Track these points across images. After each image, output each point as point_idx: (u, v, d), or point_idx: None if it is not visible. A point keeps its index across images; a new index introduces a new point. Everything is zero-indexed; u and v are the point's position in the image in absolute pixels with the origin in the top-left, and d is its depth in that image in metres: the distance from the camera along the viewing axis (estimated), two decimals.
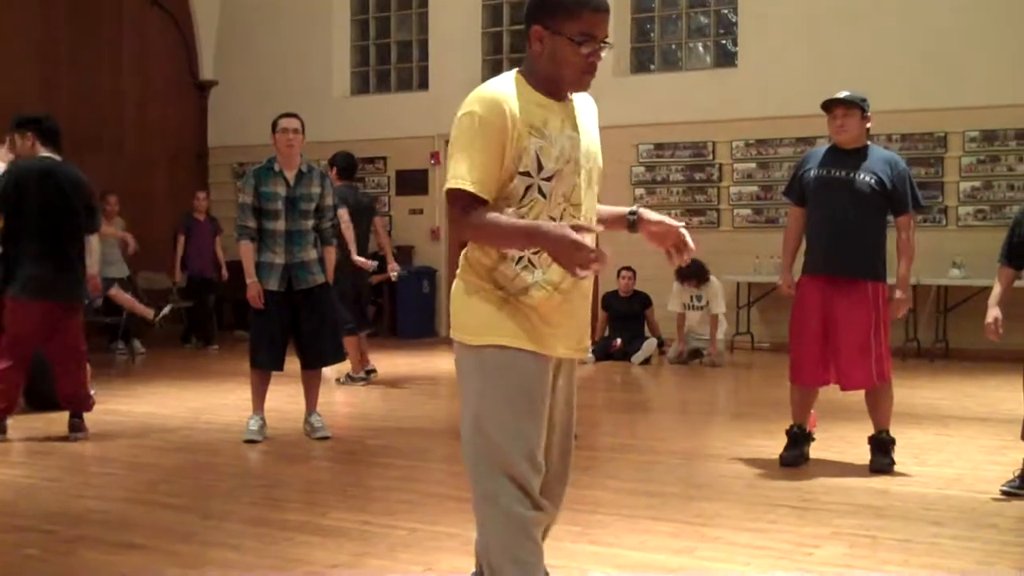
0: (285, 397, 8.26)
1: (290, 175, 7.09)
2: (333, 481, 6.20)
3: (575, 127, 3.16)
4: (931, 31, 11.79)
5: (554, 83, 3.12)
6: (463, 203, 3.05)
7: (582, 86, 3.16)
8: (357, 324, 9.69)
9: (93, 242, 7.48)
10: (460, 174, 3.03)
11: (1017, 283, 5.65)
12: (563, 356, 3.26)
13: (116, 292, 8.35)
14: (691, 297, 11.55)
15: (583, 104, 3.26)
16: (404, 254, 14.08)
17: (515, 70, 3.18)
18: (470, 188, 3.02)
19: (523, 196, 3.07)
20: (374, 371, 10.11)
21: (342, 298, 8.46)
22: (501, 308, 3.13)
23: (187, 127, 16.18)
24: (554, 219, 3.08)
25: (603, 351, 11.73)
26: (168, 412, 8.45)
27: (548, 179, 3.08)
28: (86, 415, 7.39)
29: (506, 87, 3.10)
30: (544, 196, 3.09)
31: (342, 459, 6.78)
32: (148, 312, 8.25)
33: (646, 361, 11.62)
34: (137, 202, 14.41)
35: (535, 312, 3.14)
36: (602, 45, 3.07)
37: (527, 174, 3.06)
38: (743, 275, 12.45)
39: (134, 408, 8.63)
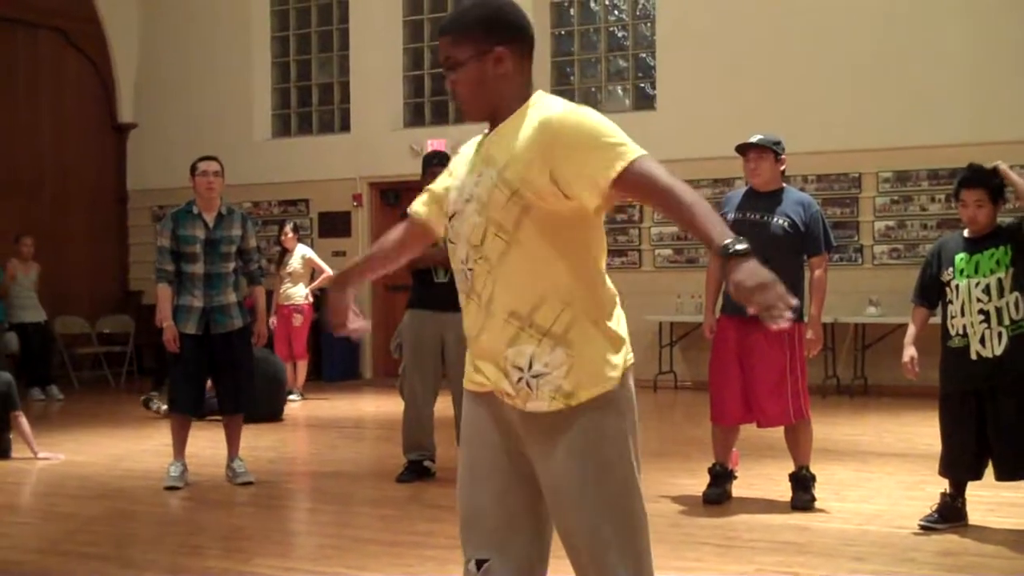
0: (207, 442, 8.16)
1: (209, 218, 7.04)
2: (256, 527, 6.12)
3: (487, 161, 2.80)
4: (846, 74, 12.05)
5: None
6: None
7: (462, 113, 2.95)
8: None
9: None
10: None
11: (932, 320, 5.77)
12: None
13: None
14: None
15: (515, 129, 2.78)
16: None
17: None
18: None
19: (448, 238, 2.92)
20: None
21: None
22: None
23: (106, 170, 15.99)
24: (462, 261, 2.82)
25: None
26: (86, 459, 8.30)
27: (450, 219, 2.89)
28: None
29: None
30: (451, 240, 2.88)
31: (265, 504, 6.71)
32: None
33: None
34: (55, 245, 14.21)
35: None
36: (447, 69, 2.86)
37: (447, 215, 2.93)
38: (665, 315, 12.56)
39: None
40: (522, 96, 2.84)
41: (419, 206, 3.13)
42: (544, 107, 2.79)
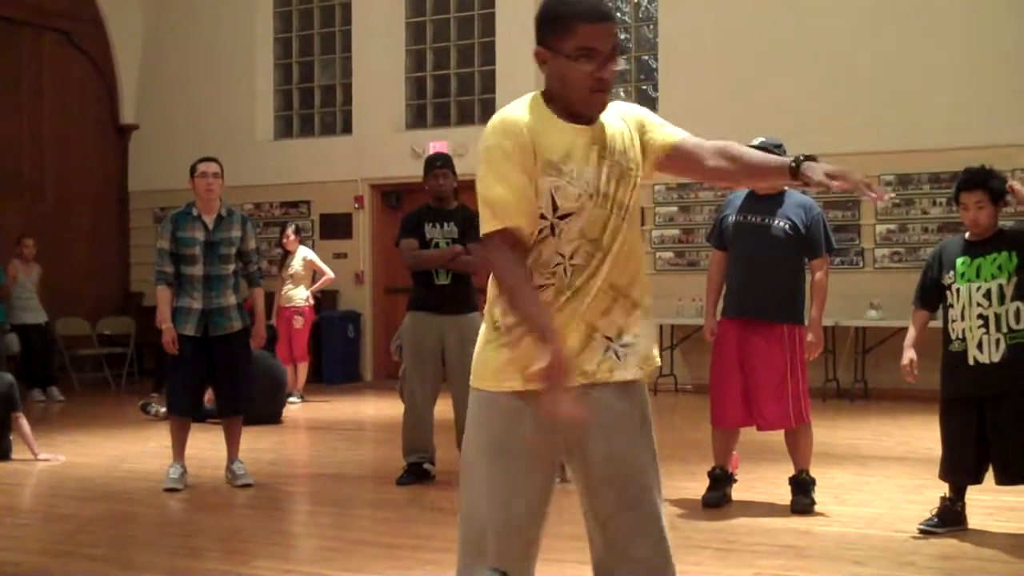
0: (207, 444, 8.16)
1: (209, 219, 7.04)
2: (255, 529, 6.12)
3: (604, 154, 2.85)
4: (848, 78, 12.05)
5: (571, 106, 2.84)
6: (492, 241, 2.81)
7: (593, 107, 2.84)
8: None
9: None
10: (487, 217, 2.79)
11: (932, 324, 5.77)
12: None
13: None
14: None
15: (616, 119, 2.92)
16: (329, 298, 14.03)
17: (536, 92, 2.90)
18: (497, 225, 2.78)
19: (537, 235, 2.84)
20: None
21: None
22: None
23: (108, 171, 15.98)
24: (563, 256, 2.81)
25: None
26: (86, 460, 8.29)
27: (563, 217, 2.81)
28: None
29: (521, 111, 2.84)
30: (554, 234, 2.82)
31: (265, 507, 6.71)
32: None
33: None
34: (57, 246, 14.23)
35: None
36: (610, 57, 2.77)
37: (542, 216, 2.82)
38: (666, 318, 12.54)
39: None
40: None
41: (518, 220, 2.81)
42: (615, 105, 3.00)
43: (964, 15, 11.73)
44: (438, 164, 7.17)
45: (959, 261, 5.52)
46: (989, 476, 5.53)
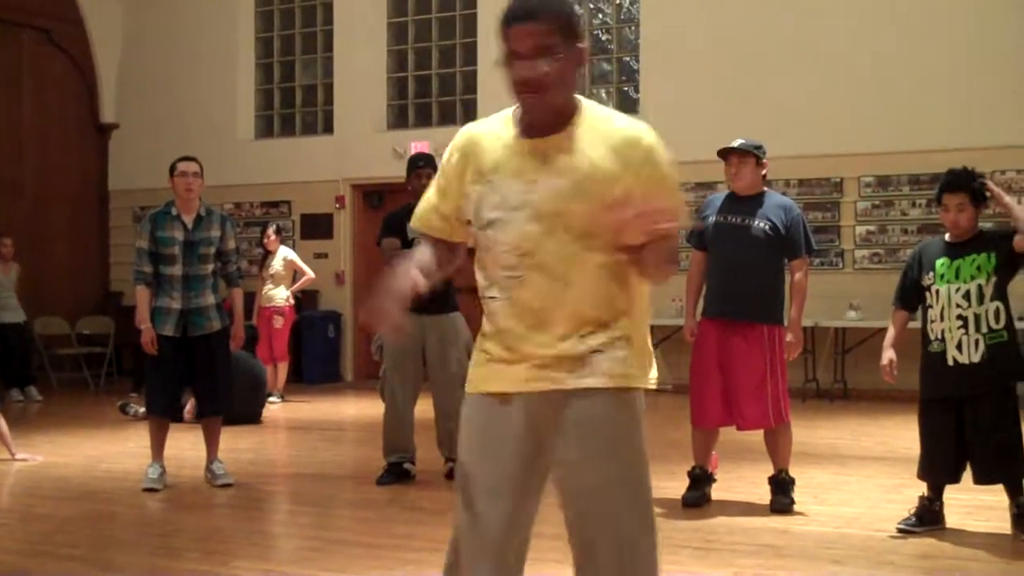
0: (186, 444, 8.13)
1: (188, 219, 7.01)
2: (235, 529, 6.10)
3: (543, 168, 2.75)
4: (829, 79, 12.10)
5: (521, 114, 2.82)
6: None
7: (526, 110, 2.78)
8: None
9: None
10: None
11: (911, 325, 5.79)
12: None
13: None
14: None
15: (591, 134, 2.77)
16: (309, 298, 14.00)
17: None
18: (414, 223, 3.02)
19: (480, 244, 2.85)
20: None
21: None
22: None
23: (88, 169, 15.92)
24: (501, 266, 2.79)
25: None
26: (65, 460, 8.25)
27: (487, 226, 2.80)
28: None
29: (485, 124, 2.90)
30: (488, 243, 2.82)
31: (245, 506, 6.69)
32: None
33: None
34: (36, 245, 14.16)
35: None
36: (529, 57, 2.69)
37: (469, 222, 2.87)
38: None
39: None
40: (574, 101, 2.81)
41: (427, 225, 2.99)
42: (621, 120, 2.81)
43: (947, 16, 11.78)
44: (421, 164, 7.17)
45: (939, 262, 5.54)
46: (967, 476, 5.55)
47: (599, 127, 2.77)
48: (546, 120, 2.77)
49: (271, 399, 11.43)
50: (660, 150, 2.79)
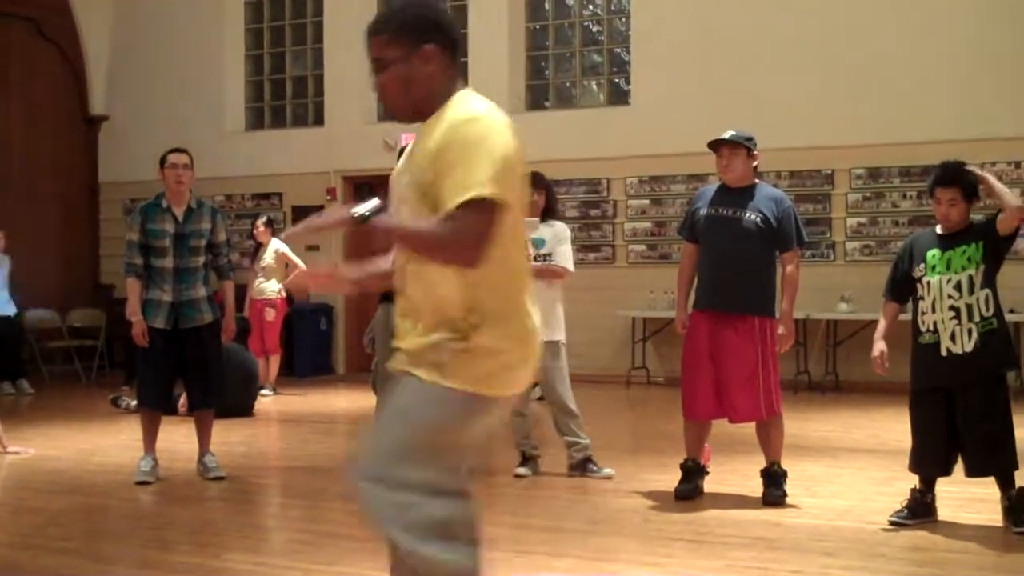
0: (178, 437, 8.12)
1: (179, 211, 6.99)
2: (227, 521, 6.10)
3: (409, 160, 3.00)
4: (820, 71, 12.10)
5: None
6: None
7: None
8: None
9: None
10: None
11: (902, 317, 5.80)
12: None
13: None
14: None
15: (431, 129, 2.91)
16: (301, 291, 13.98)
17: None
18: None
19: None
20: None
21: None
22: None
23: (77, 162, 15.87)
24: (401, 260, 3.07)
25: None
26: (56, 453, 8.24)
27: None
28: None
29: None
30: None
31: (236, 499, 6.68)
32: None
33: None
34: (26, 238, 14.09)
35: None
36: (374, 70, 2.96)
37: None
38: (638, 310, 12.57)
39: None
40: (448, 95, 2.92)
41: None
42: (458, 109, 2.87)
43: (939, 8, 11.78)
44: None
45: (930, 254, 5.55)
46: (959, 468, 5.57)
47: (445, 117, 2.88)
48: (412, 120, 2.97)
49: (263, 392, 11.42)
50: (463, 133, 2.81)
